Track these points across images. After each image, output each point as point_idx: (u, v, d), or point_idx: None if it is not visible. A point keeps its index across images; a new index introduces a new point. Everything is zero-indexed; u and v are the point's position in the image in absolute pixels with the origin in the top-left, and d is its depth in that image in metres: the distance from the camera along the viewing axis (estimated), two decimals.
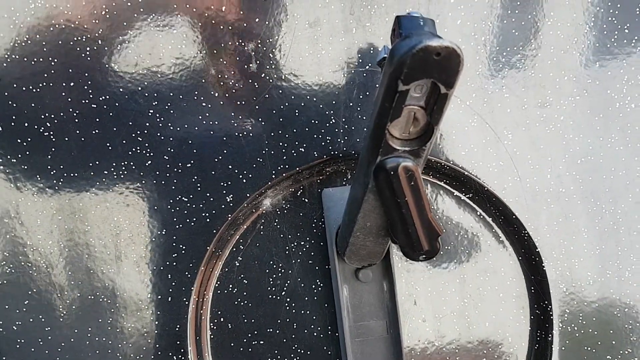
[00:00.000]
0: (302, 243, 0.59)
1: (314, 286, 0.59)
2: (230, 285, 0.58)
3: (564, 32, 0.57)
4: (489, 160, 0.58)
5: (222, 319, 0.58)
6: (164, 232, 0.56)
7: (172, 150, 0.56)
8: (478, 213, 0.59)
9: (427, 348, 0.59)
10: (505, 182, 0.58)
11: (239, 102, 0.56)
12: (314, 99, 0.56)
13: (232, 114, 0.56)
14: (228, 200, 0.57)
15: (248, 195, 0.57)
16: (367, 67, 0.56)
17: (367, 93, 0.56)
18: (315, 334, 0.59)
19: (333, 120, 0.56)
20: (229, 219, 0.57)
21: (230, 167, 0.56)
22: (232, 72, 0.55)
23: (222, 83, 0.56)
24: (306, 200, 0.59)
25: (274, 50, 0.56)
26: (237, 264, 0.58)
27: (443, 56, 0.37)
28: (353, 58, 0.56)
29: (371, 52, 0.56)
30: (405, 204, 0.46)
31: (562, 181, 0.58)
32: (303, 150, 0.57)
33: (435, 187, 0.59)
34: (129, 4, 0.54)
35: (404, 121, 0.43)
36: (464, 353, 0.59)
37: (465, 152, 0.57)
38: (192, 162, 0.56)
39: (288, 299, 0.59)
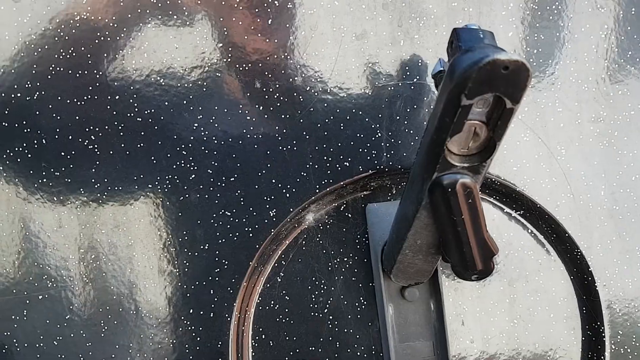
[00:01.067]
0: (345, 259, 0.58)
1: (357, 304, 0.57)
2: (272, 302, 0.57)
3: (618, 45, 0.55)
4: (541, 176, 0.56)
5: (263, 336, 0.57)
6: (206, 247, 0.56)
7: (215, 164, 0.55)
8: (529, 230, 0.57)
9: None
10: (557, 199, 0.56)
11: (283, 116, 0.55)
12: (359, 112, 0.55)
13: (277, 127, 0.55)
14: (271, 214, 0.56)
15: (291, 209, 0.56)
16: (415, 79, 0.55)
17: (415, 106, 0.55)
18: (358, 353, 0.57)
19: (378, 134, 0.55)
20: (272, 233, 0.56)
21: (273, 181, 0.55)
22: (277, 86, 0.55)
23: (266, 97, 0.55)
24: (350, 215, 0.57)
25: (319, 62, 0.55)
26: (279, 280, 0.57)
27: (511, 70, 0.35)
28: (400, 71, 0.55)
29: (419, 64, 0.54)
30: (461, 222, 0.45)
31: (616, 198, 0.56)
32: (347, 164, 0.56)
33: (485, 203, 0.57)
34: (174, 20, 0.53)
35: (463, 136, 0.41)
36: None
37: (517, 168, 0.56)
38: (235, 176, 0.55)
39: (331, 317, 0.57)
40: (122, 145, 0.54)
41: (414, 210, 0.47)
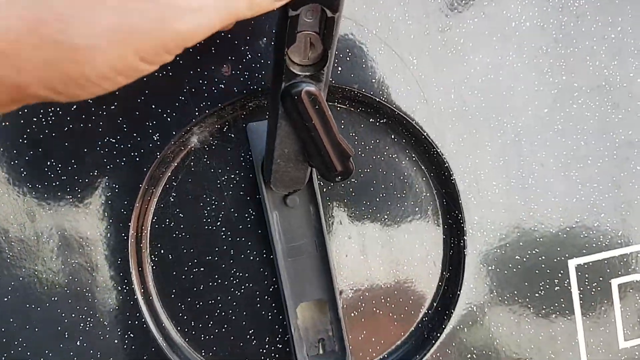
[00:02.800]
0: (232, 176, 0.63)
1: (246, 215, 0.63)
2: (167, 220, 0.62)
3: None
4: (397, 85, 0.62)
5: (162, 251, 0.62)
6: (96, 173, 0.60)
7: None
8: (392, 137, 0.64)
9: (353, 260, 0.65)
10: (413, 105, 0.63)
11: None
12: (229, 35, 0.59)
13: None
14: (155, 139, 0.60)
15: (174, 132, 0.60)
16: None
17: None
18: (251, 258, 0.64)
19: (249, 56, 0.60)
20: (158, 157, 0.60)
21: (153, 106, 0.59)
22: None
23: None
24: (232, 135, 0.62)
25: None
26: (172, 200, 0.62)
27: None
28: None
29: None
30: (313, 127, 0.51)
31: (465, 100, 0.64)
32: (223, 86, 0.60)
33: (350, 115, 0.63)
34: None
35: (301, 47, 0.47)
36: (387, 262, 0.66)
37: (376, 80, 0.62)
38: (115, 104, 0.59)
39: (223, 229, 0.63)
40: None
41: (275, 121, 0.52)
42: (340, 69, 0.60)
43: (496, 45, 0.63)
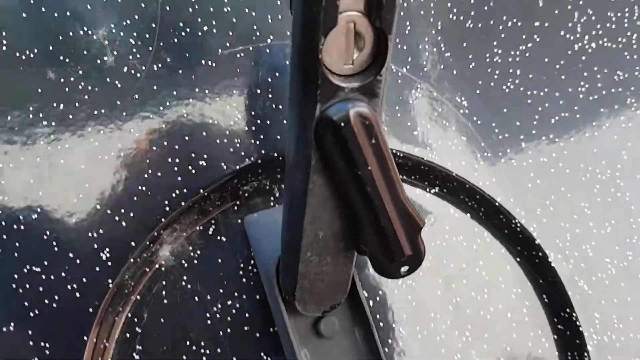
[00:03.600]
0: (230, 303, 0.40)
1: None
2: None
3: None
4: (446, 137, 0.44)
5: None
6: (12, 329, 0.36)
7: None
8: (452, 209, 0.45)
9: None
10: (473, 163, 0.45)
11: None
12: (204, 92, 0.41)
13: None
14: (104, 258, 0.38)
15: (134, 244, 0.38)
16: (269, 40, 0.42)
17: (277, 74, 0.42)
18: None
19: (238, 118, 0.41)
20: (111, 288, 0.38)
21: (98, 207, 0.38)
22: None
23: None
24: (223, 238, 0.41)
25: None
26: (135, 355, 0.38)
27: None
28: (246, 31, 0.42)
29: (268, 22, 0.42)
30: (368, 175, 0.31)
31: (541, 150, 0.46)
32: (205, 165, 0.40)
33: None
34: None
35: (342, 42, 0.29)
36: None
37: (416, 133, 0.44)
38: (39, 212, 0.37)
39: None
40: None
41: (303, 179, 0.32)
42: None
43: (559, 74, 0.48)
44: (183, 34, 0.40)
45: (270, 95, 0.41)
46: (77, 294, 0.37)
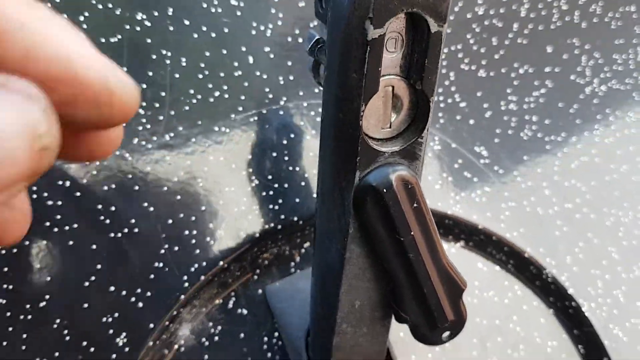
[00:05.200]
0: None
1: None
2: None
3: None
4: (469, 188, 0.43)
5: None
6: None
7: None
8: (479, 263, 0.43)
9: None
10: (498, 213, 0.43)
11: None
12: (219, 160, 0.39)
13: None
14: (120, 344, 0.35)
15: (152, 326, 0.36)
16: (282, 102, 0.41)
17: (292, 135, 0.41)
18: None
19: (255, 182, 0.39)
20: None
21: (111, 287, 0.35)
22: None
23: None
24: (244, 311, 0.39)
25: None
26: None
27: None
28: (259, 94, 0.41)
29: (279, 83, 0.41)
30: (411, 241, 0.29)
31: (565, 196, 0.45)
32: (224, 234, 0.38)
33: None
34: None
35: (380, 106, 0.27)
36: None
37: (436, 185, 0.43)
38: (47, 297, 0.34)
39: None
40: None
41: (339, 248, 0.30)
42: None
43: (573, 111, 0.47)
44: (194, 100, 0.38)
45: (286, 158, 0.40)
46: None
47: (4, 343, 0.33)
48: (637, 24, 0.49)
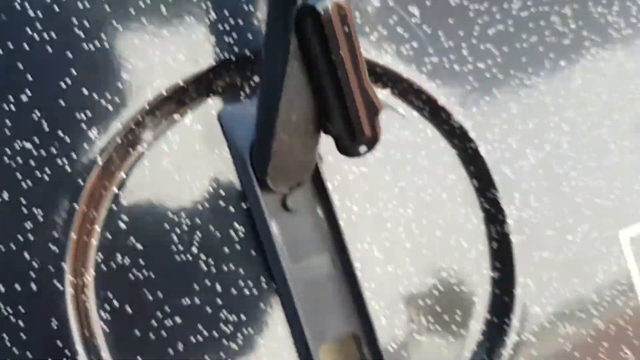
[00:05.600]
0: (206, 182, 0.46)
1: (232, 232, 0.46)
2: (119, 255, 0.43)
3: None
4: (395, 40, 0.50)
5: (115, 302, 0.42)
6: (6, 198, 0.39)
7: None
8: (401, 109, 0.51)
9: (381, 275, 0.49)
10: (422, 68, 0.51)
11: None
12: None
13: None
14: (92, 137, 0.42)
15: (120, 126, 0.42)
16: None
17: None
18: (246, 291, 0.45)
19: (211, 16, 0.45)
20: (99, 163, 0.42)
21: (85, 91, 0.41)
22: None
23: None
24: (199, 126, 0.46)
25: None
26: (123, 225, 0.43)
27: None
28: None
29: None
30: (340, 63, 0.36)
31: (479, 56, 0.53)
32: (183, 58, 0.44)
33: None
34: None
35: None
36: (423, 271, 0.50)
37: (376, 42, 0.49)
38: (29, 93, 0.40)
39: (203, 257, 0.45)
40: None
41: (282, 64, 0.37)
42: None
43: None
44: None
45: None
46: (69, 169, 0.41)
47: None
48: None
